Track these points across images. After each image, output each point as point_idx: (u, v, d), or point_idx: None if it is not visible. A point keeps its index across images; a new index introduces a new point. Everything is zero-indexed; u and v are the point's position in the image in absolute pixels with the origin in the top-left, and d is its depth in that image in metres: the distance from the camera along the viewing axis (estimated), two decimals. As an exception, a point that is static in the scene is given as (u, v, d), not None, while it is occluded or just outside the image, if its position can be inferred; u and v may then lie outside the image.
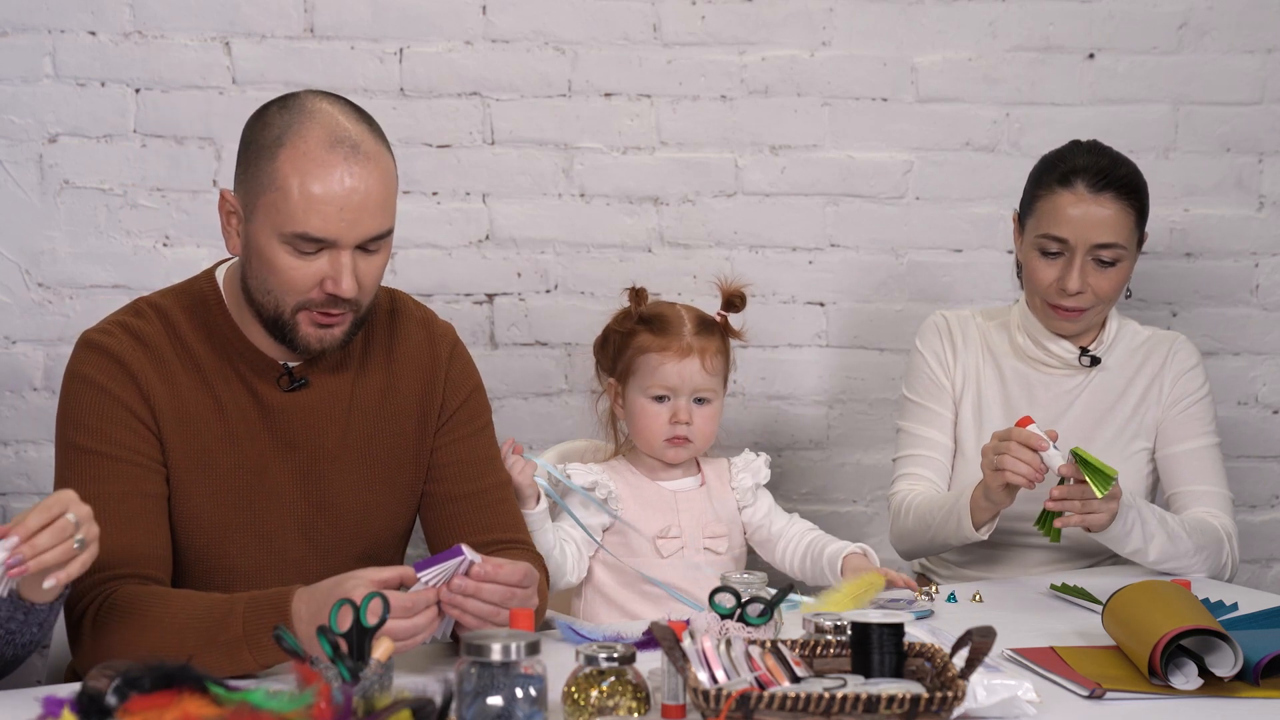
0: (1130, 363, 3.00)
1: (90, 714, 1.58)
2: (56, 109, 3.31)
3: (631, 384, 2.69)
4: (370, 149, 2.27)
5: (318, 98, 2.31)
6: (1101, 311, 2.95)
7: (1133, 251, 2.92)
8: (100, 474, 2.26)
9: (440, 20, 3.41)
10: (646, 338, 2.68)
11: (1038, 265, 2.91)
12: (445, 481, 2.45)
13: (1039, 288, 2.92)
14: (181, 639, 2.10)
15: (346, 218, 2.23)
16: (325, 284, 2.26)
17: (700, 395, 2.68)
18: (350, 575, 2.05)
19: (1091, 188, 2.87)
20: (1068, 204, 2.87)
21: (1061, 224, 2.87)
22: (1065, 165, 2.91)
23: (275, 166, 2.24)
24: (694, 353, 2.66)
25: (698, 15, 3.47)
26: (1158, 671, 2.09)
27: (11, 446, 3.34)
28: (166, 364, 2.33)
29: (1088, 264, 2.87)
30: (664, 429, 2.67)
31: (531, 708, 1.78)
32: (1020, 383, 2.98)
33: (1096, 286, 2.88)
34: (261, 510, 2.35)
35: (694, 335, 2.67)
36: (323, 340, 2.31)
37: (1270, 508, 3.68)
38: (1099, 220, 2.86)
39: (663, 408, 2.67)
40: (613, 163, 3.48)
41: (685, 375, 2.66)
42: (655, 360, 2.66)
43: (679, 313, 2.71)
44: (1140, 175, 2.95)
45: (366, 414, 2.41)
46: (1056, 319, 2.93)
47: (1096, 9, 3.55)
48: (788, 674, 1.89)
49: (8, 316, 3.32)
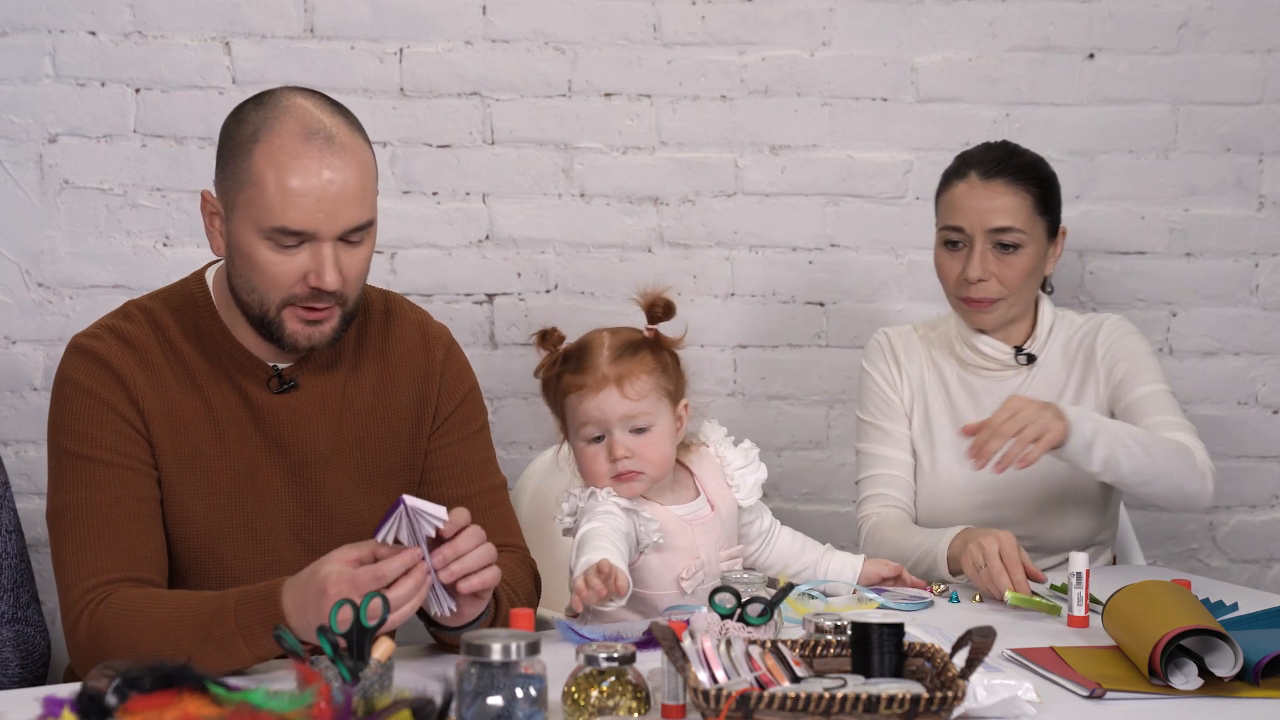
0: (1067, 355, 2.96)
1: (90, 714, 1.58)
2: (56, 109, 3.31)
3: (570, 429, 2.49)
4: (346, 140, 2.26)
5: (293, 93, 2.31)
6: (1015, 303, 2.92)
7: (1038, 239, 2.90)
8: (92, 479, 2.26)
9: (440, 20, 3.41)
10: (567, 378, 2.45)
11: (943, 259, 2.92)
12: (440, 485, 2.44)
13: (947, 282, 2.93)
14: (176, 638, 2.10)
15: (324, 209, 2.22)
16: (309, 278, 2.25)
17: (634, 424, 2.43)
18: (326, 559, 2.05)
19: (984, 175, 2.88)
20: (961, 193, 2.90)
21: (957, 213, 2.89)
22: (962, 160, 2.95)
23: (251, 162, 2.24)
24: (610, 382, 2.42)
25: (698, 15, 3.47)
26: (1158, 671, 2.08)
27: (11, 446, 3.34)
28: (155, 367, 2.33)
29: (988, 251, 2.87)
30: (607, 468, 2.43)
31: (531, 708, 1.78)
32: (964, 389, 2.96)
33: (1000, 274, 2.87)
34: (253, 512, 2.35)
35: (611, 363, 2.43)
36: (311, 337, 2.30)
37: (1270, 508, 3.68)
38: (992, 205, 2.87)
39: (599, 447, 2.44)
40: (613, 163, 3.48)
41: (606, 408, 2.41)
42: (575, 400, 2.43)
43: (600, 339, 2.48)
44: (1044, 166, 2.95)
45: (358, 416, 2.40)
46: (970, 312, 2.92)
47: (1096, 9, 3.55)
48: (788, 674, 1.89)
49: (8, 316, 3.32)
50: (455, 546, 2.07)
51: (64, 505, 2.26)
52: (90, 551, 2.22)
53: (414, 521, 2.07)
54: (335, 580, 2.00)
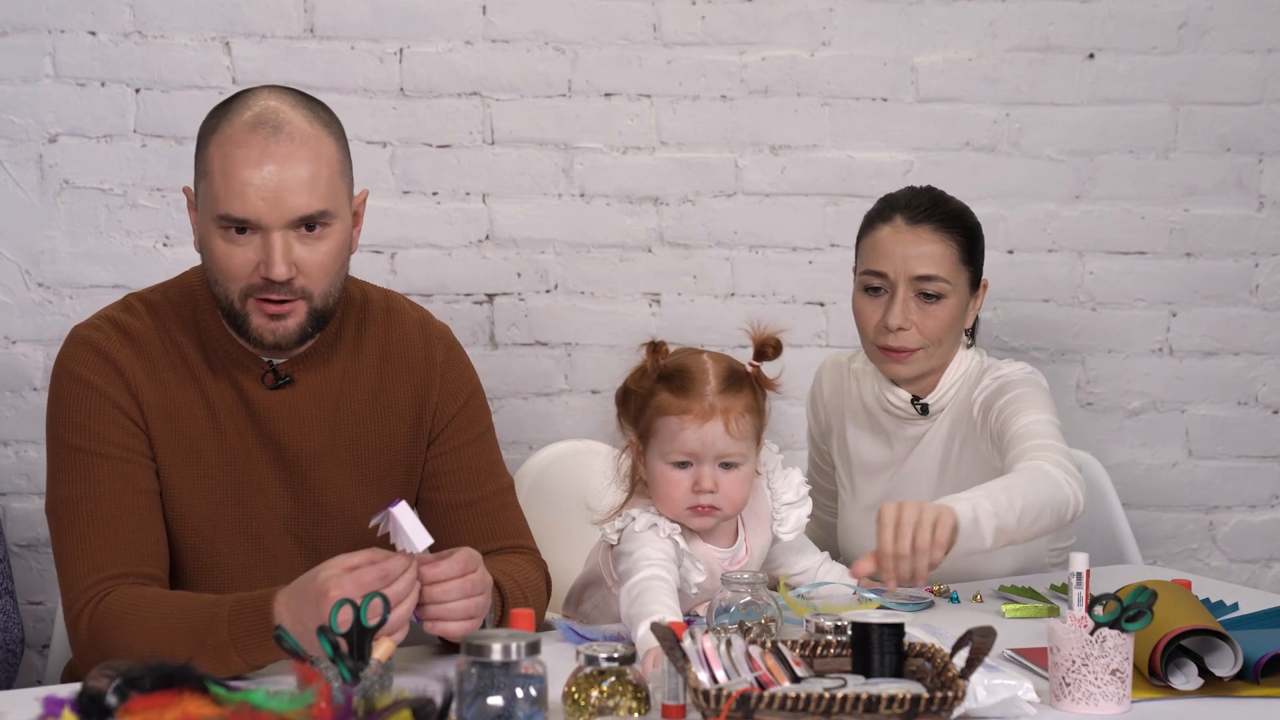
0: (961, 405, 2.83)
1: (90, 714, 1.58)
2: (56, 109, 3.31)
3: (652, 446, 2.39)
4: (298, 131, 2.25)
5: (264, 90, 2.32)
6: (932, 354, 2.77)
7: (960, 290, 2.77)
8: (92, 473, 2.26)
9: (440, 20, 3.41)
10: (666, 398, 2.36)
11: (862, 305, 2.80)
12: (446, 490, 2.44)
13: (866, 329, 2.79)
14: (172, 644, 2.09)
15: (265, 197, 2.22)
16: (260, 268, 2.24)
17: (726, 460, 2.37)
18: (323, 566, 2.05)
19: (910, 220, 2.76)
20: (885, 238, 2.77)
21: (880, 258, 2.76)
22: (887, 203, 2.82)
23: (207, 154, 2.26)
24: (717, 414, 2.35)
25: (698, 15, 3.47)
26: (1158, 671, 2.08)
27: (11, 446, 3.34)
28: (154, 360, 2.33)
29: (910, 300, 2.74)
30: (687, 497, 2.37)
31: (531, 708, 1.78)
32: (875, 427, 2.90)
33: (921, 324, 2.74)
34: (249, 507, 2.34)
35: (718, 394, 2.36)
36: (275, 332, 2.28)
37: (1270, 508, 3.68)
38: (917, 252, 2.74)
39: (684, 474, 2.37)
40: (613, 163, 3.48)
41: (707, 440, 2.35)
42: (675, 424, 2.35)
43: (704, 365, 2.39)
44: (970, 216, 2.83)
45: (355, 414, 2.40)
46: (887, 362, 2.78)
47: (1096, 9, 3.55)
48: (788, 674, 1.89)
49: (8, 316, 3.32)
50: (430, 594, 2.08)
51: (63, 499, 2.26)
52: (91, 546, 2.22)
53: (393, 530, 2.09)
54: (336, 582, 2.00)
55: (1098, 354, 3.62)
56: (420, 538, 2.07)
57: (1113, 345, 3.62)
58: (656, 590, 2.25)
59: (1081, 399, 3.62)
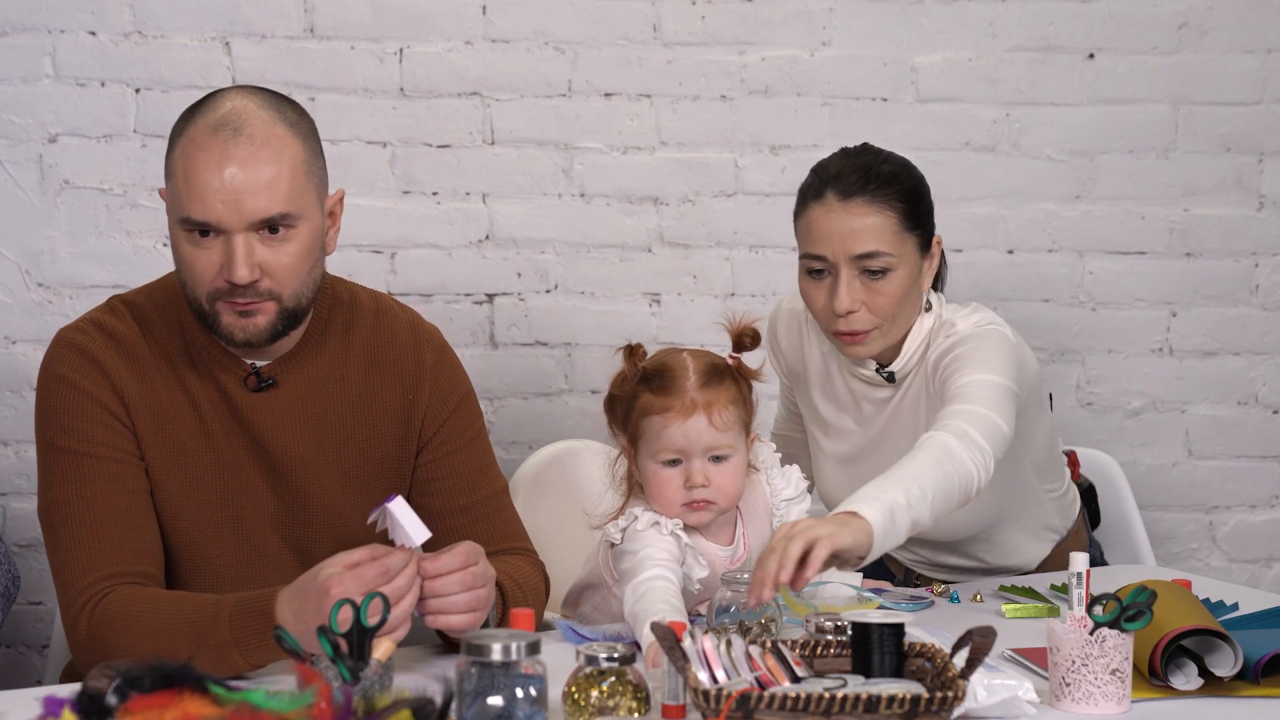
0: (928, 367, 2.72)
1: (90, 714, 1.58)
2: (56, 109, 3.31)
3: (641, 448, 2.40)
4: (259, 133, 2.23)
5: (234, 90, 2.32)
6: (888, 331, 2.63)
7: (908, 258, 2.61)
8: (83, 474, 2.26)
9: (440, 20, 3.41)
10: (648, 398, 2.38)
11: (808, 289, 2.64)
12: (440, 495, 2.42)
13: (816, 315, 2.66)
14: (173, 644, 2.09)
15: (224, 199, 2.20)
16: (224, 271, 2.24)
17: (715, 453, 2.38)
18: (324, 564, 2.05)
19: (841, 195, 2.59)
20: (819, 218, 2.60)
21: (817, 240, 2.60)
22: (819, 177, 2.64)
23: (174, 156, 2.26)
24: (699, 409, 2.36)
25: (698, 15, 3.47)
26: (1158, 671, 2.08)
27: (11, 446, 3.34)
28: (139, 362, 2.32)
29: (855, 279, 2.58)
30: (680, 494, 2.38)
31: (531, 708, 1.78)
32: (840, 395, 2.79)
33: (871, 303, 2.59)
34: (239, 508, 2.34)
35: (699, 389, 2.37)
36: (245, 330, 2.27)
37: (1270, 508, 3.68)
38: (854, 228, 2.57)
39: (675, 472, 2.38)
40: (613, 163, 3.48)
41: (692, 435, 2.36)
42: (659, 423, 2.36)
43: (683, 362, 2.41)
44: (907, 176, 2.64)
45: (341, 417, 2.38)
46: (845, 345, 2.64)
47: (1096, 9, 3.55)
48: (788, 674, 1.89)
49: (8, 316, 3.32)
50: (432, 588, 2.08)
51: (56, 501, 2.26)
52: (85, 547, 2.22)
53: (391, 526, 2.09)
54: (338, 580, 2.00)
55: (1098, 354, 3.62)
56: (418, 532, 2.07)
57: (1113, 345, 3.62)
58: (662, 590, 2.26)
59: (1081, 399, 3.62)
